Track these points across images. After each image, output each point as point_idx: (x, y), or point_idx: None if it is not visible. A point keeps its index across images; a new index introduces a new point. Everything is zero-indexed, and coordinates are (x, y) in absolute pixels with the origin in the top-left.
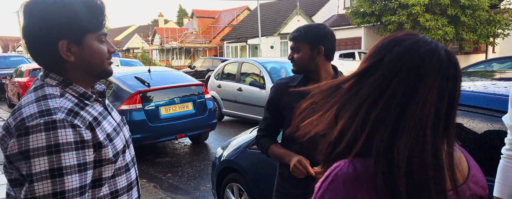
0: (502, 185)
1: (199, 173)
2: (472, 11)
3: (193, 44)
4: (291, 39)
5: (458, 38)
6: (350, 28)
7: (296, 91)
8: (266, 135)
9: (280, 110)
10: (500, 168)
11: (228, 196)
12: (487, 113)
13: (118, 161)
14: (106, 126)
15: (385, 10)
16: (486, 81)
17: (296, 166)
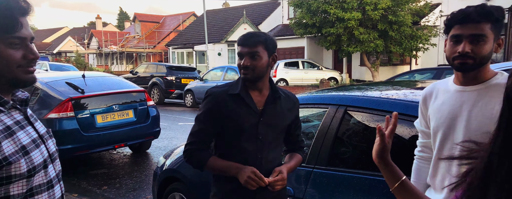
0: (416, 183)
1: (139, 184)
2: (398, 27)
3: (136, 49)
4: (251, 44)
5: (387, 50)
6: (294, 38)
7: (238, 99)
8: (201, 148)
9: (223, 120)
10: (414, 168)
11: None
12: (406, 118)
13: (36, 177)
14: (22, 137)
15: (325, 22)
16: (406, 90)
17: (251, 177)
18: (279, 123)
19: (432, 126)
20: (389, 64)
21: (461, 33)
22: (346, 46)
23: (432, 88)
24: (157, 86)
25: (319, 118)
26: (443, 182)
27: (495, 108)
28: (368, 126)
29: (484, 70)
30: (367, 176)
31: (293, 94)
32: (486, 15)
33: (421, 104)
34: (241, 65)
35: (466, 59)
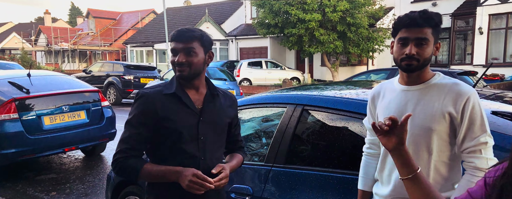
0: (364, 178)
1: (92, 189)
2: (356, 29)
3: (90, 47)
4: (186, 40)
5: (346, 51)
6: (257, 37)
7: (174, 99)
8: (134, 155)
9: (158, 122)
10: (362, 164)
11: None
12: (358, 116)
13: None
14: None
15: (287, 23)
16: (359, 90)
17: (193, 181)
18: (220, 121)
19: None
20: (348, 65)
21: (407, 36)
22: (308, 47)
23: (379, 88)
24: (114, 86)
25: (278, 118)
26: (390, 176)
27: (435, 105)
28: (325, 124)
29: (425, 71)
30: (324, 173)
31: (231, 93)
32: (428, 20)
33: (369, 102)
34: (176, 62)
35: (412, 61)
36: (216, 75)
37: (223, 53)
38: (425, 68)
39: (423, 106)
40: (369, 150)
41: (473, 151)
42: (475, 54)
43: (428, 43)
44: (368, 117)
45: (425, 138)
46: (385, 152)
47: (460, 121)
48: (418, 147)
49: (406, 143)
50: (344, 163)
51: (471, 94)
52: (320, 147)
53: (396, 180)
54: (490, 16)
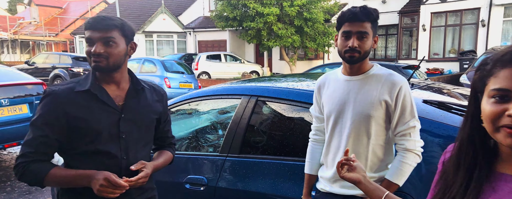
0: (310, 163)
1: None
2: (312, 23)
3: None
4: (104, 28)
5: (303, 45)
6: (216, 30)
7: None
8: (39, 159)
9: (70, 123)
10: (308, 150)
11: None
12: (307, 106)
13: None
14: None
15: (245, 16)
16: (309, 82)
17: (104, 185)
18: (145, 118)
19: (326, 111)
20: (305, 59)
21: (350, 30)
22: (266, 41)
23: (325, 78)
24: (61, 78)
25: (234, 109)
26: (334, 160)
27: (373, 94)
28: (278, 114)
29: (365, 62)
30: (276, 160)
31: (160, 87)
32: (368, 15)
33: (315, 92)
34: (92, 52)
35: (354, 53)
36: (174, 68)
37: (181, 46)
38: (365, 60)
39: (363, 94)
40: (315, 136)
41: (404, 134)
42: (419, 50)
43: (368, 37)
44: (314, 106)
45: (364, 123)
46: (329, 138)
47: (394, 108)
48: (359, 132)
49: (348, 129)
50: (295, 151)
51: (403, 84)
52: (273, 136)
53: None
54: (432, 14)
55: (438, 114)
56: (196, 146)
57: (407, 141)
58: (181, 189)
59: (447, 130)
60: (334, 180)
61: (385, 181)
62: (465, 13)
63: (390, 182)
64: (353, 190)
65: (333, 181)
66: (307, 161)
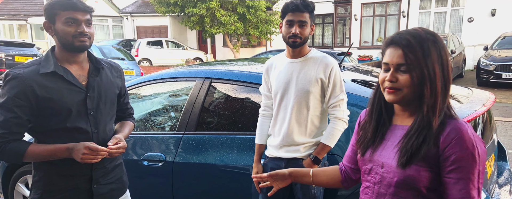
0: (260, 134)
1: None
2: (255, 11)
3: None
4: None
5: (246, 33)
6: (156, 16)
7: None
8: (14, 139)
9: (39, 103)
10: (258, 124)
11: (21, 191)
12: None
13: None
14: None
15: (187, 2)
16: (258, 65)
17: (86, 153)
18: (109, 93)
19: (273, 89)
20: (248, 46)
21: (293, 19)
22: (210, 28)
23: (272, 61)
24: None
25: (187, 92)
26: (280, 130)
27: (311, 73)
28: (229, 94)
29: (304, 47)
30: (229, 135)
31: (116, 63)
32: (307, 7)
33: (264, 73)
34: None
35: (296, 39)
36: (112, 55)
37: (117, 31)
38: (304, 45)
39: (303, 74)
40: (264, 111)
41: (335, 106)
42: (352, 38)
43: (307, 25)
44: (263, 85)
45: (305, 98)
46: (276, 111)
47: (328, 84)
48: (300, 106)
49: (292, 103)
50: (246, 126)
51: (334, 64)
52: (226, 114)
53: (284, 132)
54: (362, 4)
55: (362, 90)
56: (152, 126)
57: (337, 111)
58: (139, 166)
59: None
60: (280, 146)
61: (320, 144)
62: (389, 5)
63: (324, 145)
64: (295, 153)
65: (279, 147)
66: (257, 133)
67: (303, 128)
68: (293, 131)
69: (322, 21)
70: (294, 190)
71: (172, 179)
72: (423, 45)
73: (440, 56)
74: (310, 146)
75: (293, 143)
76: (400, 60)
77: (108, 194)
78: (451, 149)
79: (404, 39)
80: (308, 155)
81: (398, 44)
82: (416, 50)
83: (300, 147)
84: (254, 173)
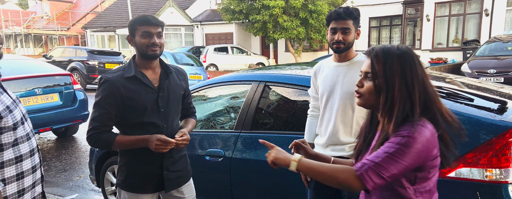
0: (308, 134)
1: (70, 165)
2: (317, 15)
3: (46, 31)
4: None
5: (308, 37)
6: (223, 23)
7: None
8: (105, 130)
9: (123, 102)
10: (307, 123)
11: (109, 178)
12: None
13: (18, 130)
14: (4, 99)
15: (251, 9)
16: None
17: (158, 144)
18: (175, 94)
19: (320, 91)
20: (310, 50)
21: (336, 26)
22: (272, 33)
23: (320, 65)
24: (78, 71)
25: (244, 94)
26: (326, 130)
27: (356, 76)
28: (282, 96)
29: (350, 51)
30: (281, 134)
31: (181, 68)
32: (349, 15)
33: (312, 76)
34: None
35: (340, 45)
36: (183, 61)
37: (188, 39)
38: (350, 50)
39: (349, 77)
40: (312, 112)
41: None
42: (423, 40)
43: (350, 32)
44: (312, 87)
45: (349, 100)
46: (322, 112)
47: None
48: (345, 107)
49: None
50: (297, 126)
51: None
52: (279, 115)
53: (330, 132)
54: (436, 4)
55: None
56: (214, 125)
57: None
58: (202, 160)
59: None
60: (326, 145)
61: None
62: (469, 3)
63: None
64: (340, 152)
65: (325, 146)
66: (306, 133)
67: (348, 128)
68: (338, 130)
69: (389, 23)
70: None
71: (231, 173)
72: (387, 58)
73: (403, 70)
74: (355, 146)
75: (339, 143)
76: (367, 69)
77: (175, 180)
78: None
79: (375, 52)
80: (353, 154)
81: (370, 55)
82: (380, 62)
83: (345, 147)
84: None
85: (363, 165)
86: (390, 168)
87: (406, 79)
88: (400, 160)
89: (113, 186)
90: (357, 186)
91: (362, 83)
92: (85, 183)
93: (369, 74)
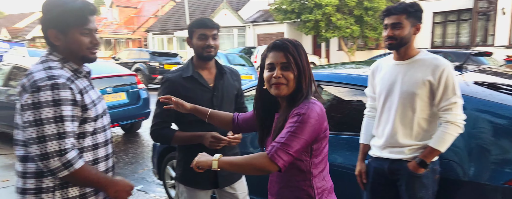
0: (365, 135)
1: (135, 159)
2: (373, 12)
3: (115, 35)
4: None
5: (363, 35)
6: (274, 23)
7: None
8: (165, 126)
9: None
10: (363, 124)
11: (169, 172)
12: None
13: (98, 122)
14: (92, 94)
15: (304, 8)
16: (365, 68)
17: (212, 141)
18: (229, 94)
19: (378, 91)
20: (365, 49)
21: (387, 23)
22: (324, 32)
23: (378, 63)
24: (141, 71)
25: None
26: (384, 131)
27: (418, 75)
28: (335, 96)
29: (410, 49)
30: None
31: (235, 69)
32: (401, 10)
33: (370, 75)
34: (209, 45)
35: (391, 40)
36: (235, 61)
37: (241, 39)
38: (409, 47)
39: (409, 76)
40: (369, 112)
41: (446, 109)
42: (497, 36)
43: (402, 27)
44: (369, 87)
45: (410, 100)
46: (380, 113)
47: (437, 86)
48: (404, 107)
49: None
50: (351, 127)
51: (446, 66)
52: (332, 115)
53: (388, 133)
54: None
55: (486, 93)
56: None
57: (449, 114)
58: None
59: (494, 107)
60: (384, 147)
61: (428, 147)
62: None
63: (432, 149)
64: (399, 154)
65: (382, 148)
66: (362, 133)
67: (408, 130)
68: (397, 132)
69: (457, 17)
70: (400, 191)
71: None
72: (297, 49)
73: (307, 58)
74: (416, 149)
75: (397, 145)
76: (283, 60)
77: (228, 177)
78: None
79: (285, 44)
80: (414, 158)
81: (281, 49)
82: (294, 53)
83: (405, 149)
84: (357, 171)
85: (272, 147)
86: (294, 144)
87: (309, 66)
88: (300, 135)
89: (172, 180)
90: (272, 168)
91: (281, 73)
92: (148, 176)
93: (285, 64)
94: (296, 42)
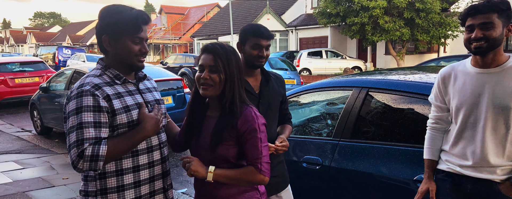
0: (431, 149)
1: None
2: (426, 14)
3: (163, 41)
4: (269, 37)
5: (413, 38)
6: (318, 27)
7: None
8: None
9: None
10: (427, 137)
11: None
12: (421, 97)
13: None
14: (128, 100)
15: (349, 11)
16: (422, 74)
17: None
18: (274, 101)
19: (455, 103)
20: (415, 53)
21: (472, 23)
22: (371, 35)
23: (451, 69)
24: (186, 76)
25: (343, 100)
26: (466, 149)
27: (511, 86)
28: (387, 104)
29: (498, 54)
30: (386, 145)
31: (280, 75)
32: (492, 7)
33: (439, 82)
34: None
35: (480, 42)
36: (278, 66)
37: (283, 44)
38: (498, 52)
39: (502, 87)
40: (435, 124)
41: None
42: None
43: (493, 26)
44: (436, 95)
45: (503, 115)
46: (460, 128)
47: None
48: (496, 123)
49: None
50: (405, 138)
51: None
52: (384, 124)
53: (477, 154)
54: None
55: None
56: (310, 131)
57: None
58: (299, 167)
59: None
60: (473, 169)
61: None
62: None
63: None
64: (488, 174)
65: (469, 168)
66: (427, 147)
67: (499, 149)
68: (488, 152)
69: None
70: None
71: (329, 182)
72: (227, 54)
73: (237, 64)
74: (510, 170)
75: (488, 165)
76: (211, 63)
77: (274, 185)
78: (243, 127)
79: (215, 48)
80: (508, 179)
81: (211, 51)
82: (222, 57)
83: (497, 169)
84: (424, 189)
85: (256, 161)
86: (265, 152)
87: (239, 71)
88: (265, 142)
89: None
90: (260, 179)
91: (209, 75)
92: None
93: (213, 67)
94: (229, 47)
